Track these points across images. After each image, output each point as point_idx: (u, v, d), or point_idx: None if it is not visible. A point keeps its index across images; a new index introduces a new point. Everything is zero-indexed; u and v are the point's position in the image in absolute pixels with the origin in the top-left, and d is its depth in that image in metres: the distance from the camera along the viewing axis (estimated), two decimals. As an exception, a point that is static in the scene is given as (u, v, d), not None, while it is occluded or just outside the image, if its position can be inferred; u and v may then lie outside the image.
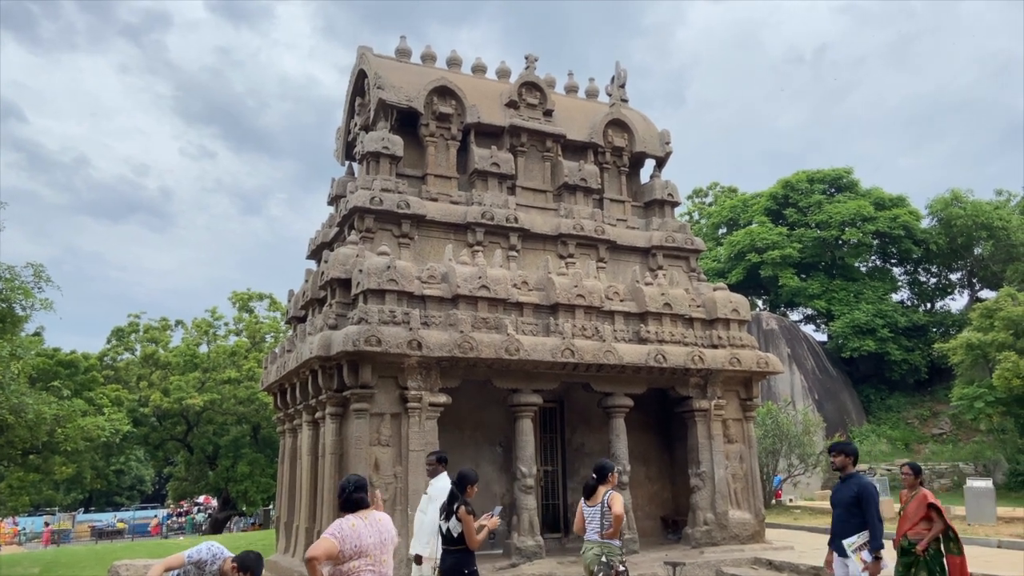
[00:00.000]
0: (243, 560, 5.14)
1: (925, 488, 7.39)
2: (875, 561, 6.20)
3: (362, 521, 4.58)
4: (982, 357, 25.26)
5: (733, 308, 12.30)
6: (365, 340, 9.14)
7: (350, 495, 4.65)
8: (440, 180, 11.74)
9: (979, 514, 14.38)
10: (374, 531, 4.57)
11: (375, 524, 4.62)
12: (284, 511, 11.93)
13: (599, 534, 6.66)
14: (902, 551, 7.19)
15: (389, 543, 4.64)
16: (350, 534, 4.45)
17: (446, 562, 6.32)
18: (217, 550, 5.26)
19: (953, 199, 35.53)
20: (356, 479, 4.78)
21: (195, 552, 5.19)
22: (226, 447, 35.96)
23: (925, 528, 7.08)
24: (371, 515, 4.67)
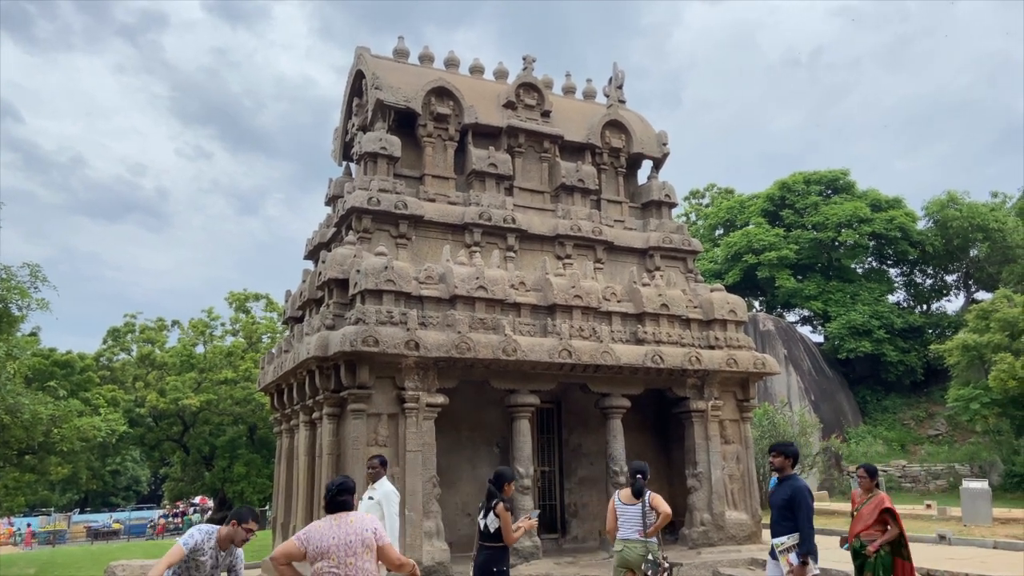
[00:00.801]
0: (239, 514, 5.25)
1: (882, 491, 7.39)
2: (801, 565, 6.04)
3: (331, 523, 4.56)
4: (978, 358, 25.33)
5: (730, 309, 12.32)
6: (363, 340, 9.14)
7: (333, 497, 4.66)
8: (438, 181, 11.75)
9: (975, 515, 14.42)
10: (341, 533, 4.51)
11: (344, 526, 4.55)
12: (281, 511, 11.93)
13: (640, 532, 6.77)
14: (854, 552, 7.23)
15: (358, 545, 4.49)
16: (315, 536, 4.49)
17: (480, 556, 6.45)
18: (207, 528, 5.24)
19: (949, 201, 35.62)
20: (341, 482, 4.76)
21: (188, 539, 5.13)
22: (222, 448, 35.87)
23: (878, 531, 7.11)
24: (343, 517, 4.61)
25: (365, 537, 4.53)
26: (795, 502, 6.18)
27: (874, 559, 7.03)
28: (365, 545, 4.51)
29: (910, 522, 15.57)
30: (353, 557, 4.47)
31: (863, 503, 7.40)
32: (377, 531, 4.62)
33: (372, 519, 4.76)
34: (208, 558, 5.19)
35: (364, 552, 4.50)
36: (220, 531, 5.26)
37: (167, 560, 5.08)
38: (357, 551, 4.49)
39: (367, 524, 4.62)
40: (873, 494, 7.36)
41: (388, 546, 4.64)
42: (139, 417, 33.74)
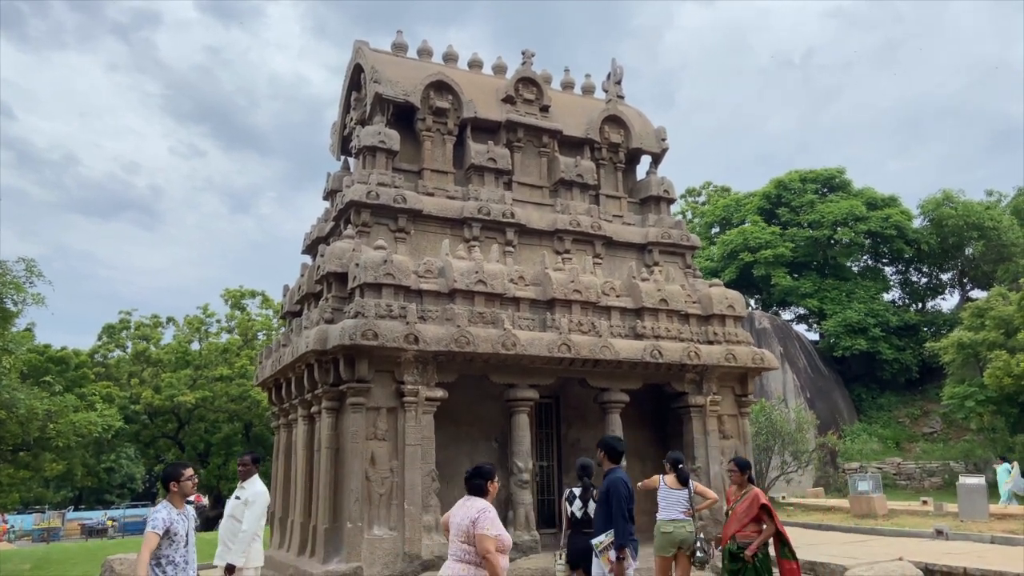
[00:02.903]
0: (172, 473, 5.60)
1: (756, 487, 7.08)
2: (619, 561, 6.04)
3: (461, 504, 5.23)
4: (973, 356, 25.44)
5: (729, 304, 12.32)
6: (362, 334, 9.11)
7: (469, 480, 5.35)
8: (436, 175, 11.71)
9: (972, 511, 14.47)
10: (459, 514, 5.11)
11: (463, 509, 5.13)
12: (279, 506, 11.89)
13: (685, 513, 7.34)
14: (730, 555, 6.87)
15: (461, 529, 5.02)
16: (451, 513, 5.25)
17: (579, 543, 6.77)
18: (161, 505, 5.48)
19: (945, 199, 35.76)
20: (478, 466, 5.45)
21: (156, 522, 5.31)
22: (218, 445, 35.83)
23: (754, 531, 6.76)
24: (467, 500, 5.20)
25: (464, 525, 5.00)
26: (609, 495, 6.20)
27: (754, 564, 6.68)
28: (463, 530, 5.00)
29: (906, 518, 15.63)
30: (457, 538, 5.04)
31: (737, 501, 7.07)
32: (476, 520, 4.97)
33: (478, 506, 5.08)
34: (180, 528, 5.39)
35: (462, 536, 5.01)
36: (170, 500, 5.54)
37: (147, 550, 5.23)
38: (459, 533, 5.04)
39: (471, 511, 5.05)
40: (747, 490, 7.03)
41: (481, 536, 4.93)
42: (134, 414, 33.66)
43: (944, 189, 36.15)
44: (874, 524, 14.82)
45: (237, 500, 7.13)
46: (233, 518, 7.13)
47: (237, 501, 7.13)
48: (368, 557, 9.02)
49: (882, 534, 13.46)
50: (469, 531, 4.96)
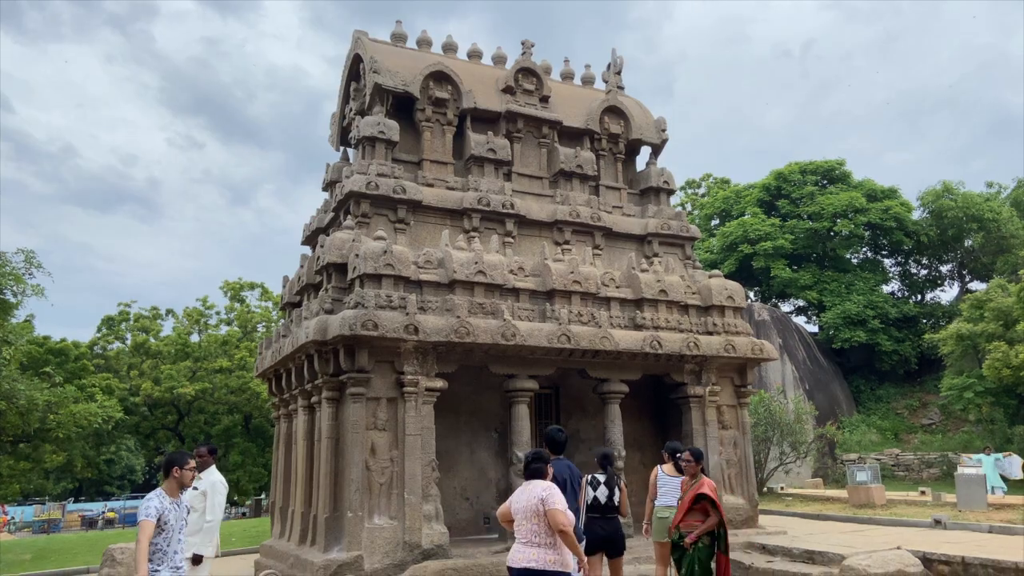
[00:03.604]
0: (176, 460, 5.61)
1: (708, 477, 7.11)
2: None
3: (522, 489, 5.38)
4: (972, 348, 25.47)
5: (728, 295, 12.33)
6: (362, 324, 9.11)
7: (528, 465, 5.49)
8: (436, 166, 11.70)
9: (970, 501, 14.51)
10: (523, 498, 5.28)
11: (526, 493, 5.29)
12: (279, 496, 11.92)
13: None
14: (673, 545, 6.94)
15: (529, 510, 5.17)
16: (513, 499, 5.42)
17: (609, 527, 7.03)
18: (155, 493, 5.45)
19: (944, 191, 35.71)
20: (535, 452, 5.59)
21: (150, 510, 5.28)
22: (218, 436, 35.86)
23: (698, 520, 6.77)
24: (528, 484, 5.37)
25: (532, 504, 5.17)
26: None
27: (692, 551, 6.69)
28: (533, 510, 5.16)
29: (905, 508, 15.68)
30: (525, 520, 5.21)
31: (687, 490, 7.13)
32: (544, 499, 5.16)
33: (542, 487, 5.27)
34: (172, 517, 5.36)
35: (532, 517, 5.16)
36: (166, 488, 5.52)
37: (145, 539, 5.19)
38: (528, 515, 5.19)
39: (537, 492, 5.22)
40: (696, 479, 7.04)
41: (552, 511, 5.11)
42: (134, 406, 33.68)
43: (944, 181, 36.09)
44: (872, 514, 14.87)
45: (195, 491, 7.11)
46: (192, 509, 7.11)
47: (195, 492, 7.11)
48: (368, 546, 9.05)
49: (880, 524, 13.50)
50: (539, 509, 5.14)
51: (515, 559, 5.23)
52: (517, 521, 5.29)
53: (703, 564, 6.66)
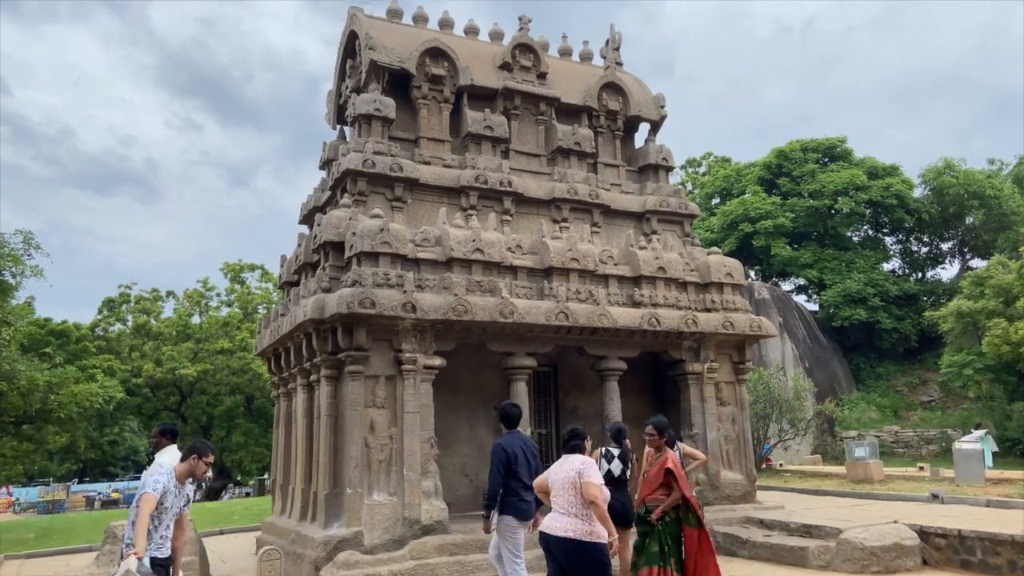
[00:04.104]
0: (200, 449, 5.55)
1: (673, 451, 7.05)
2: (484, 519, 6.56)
3: (560, 463, 5.69)
4: (972, 325, 25.47)
5: (727, 272, 12.31)
6: (359, 302, 9.11)
7: (566, 442, 5.83)
8: (433, 143, 11.64)
9: (968, 475, 14.58)
10: (561, 472, 5.57)
11: (564, 467, 5.60)
12: (280, 474, 11.99)
13: None
14: (639, 519, 6.92)
15: (566, 483, 5.47)
16: (550, 472, 5.72)
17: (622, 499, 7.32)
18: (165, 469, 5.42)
19: (946, 168, 35.55)
20: (573, 429, 5.89)
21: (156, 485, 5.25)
22: (220, 417, 36.04)
23: (664, 494, 6.74)
24: (566, 459, 5.68)
25: (571, 477, 5.47)
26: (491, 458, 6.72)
27: (659, 527, 6.66)
28: (571, 483, 5.45)
29: (903, 484, 15.76)
30: (563, 492, 5.49)
31: (652, 463, 7.09)
32: (581, 472, 5.46)
33: (580, 461, 5.58)
34: (173, 498, 5.31)
35: (569, 489, 5.45)
36: (178, 468, 5.43)
37: (146, 512, 5.13)
38: (565, 487, 5.49)
39: (575, 466, 5.53)
40: (661, 453, 6.99)
41: (586, 483, 5.41)
42: (136, 387, 33.79)
43: (945, 158, 35.92)
44: (870, 489, 14.95)
45: None
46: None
47: None
48: (368, 522, 9.11)
49: (878, 498, 13.58)
50: (575, 482, 5.42)
51: (552, 527, 5.47)
52: (554, 492, 5.57)
53: (673, 539, 6.65)
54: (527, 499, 6.57)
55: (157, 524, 5.29)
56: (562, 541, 5.34)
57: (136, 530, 5.14)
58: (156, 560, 5.21)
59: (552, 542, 5.42)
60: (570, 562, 5.33)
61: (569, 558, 5.32)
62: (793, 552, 9.51)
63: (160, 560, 5.25)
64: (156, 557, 5.23)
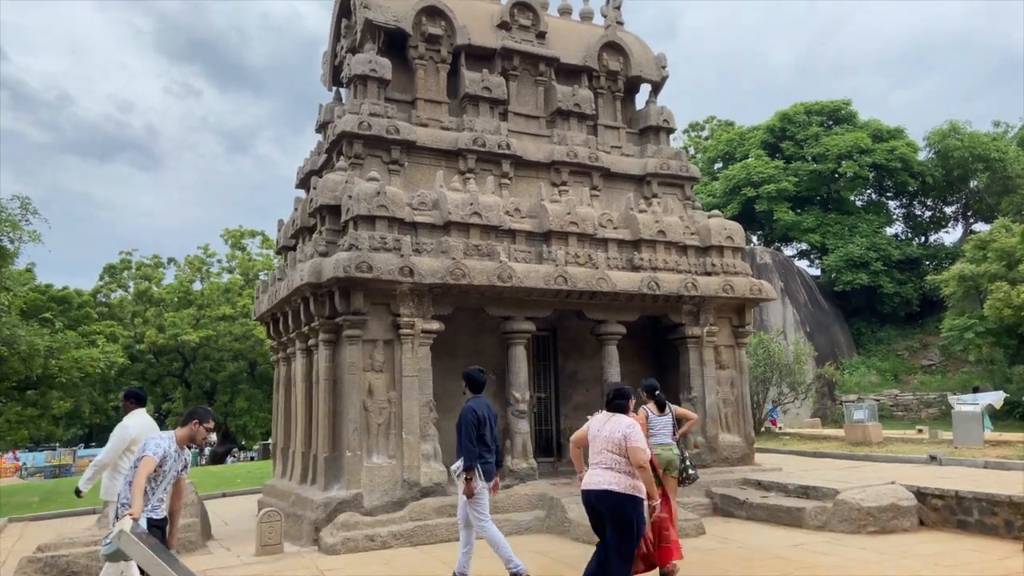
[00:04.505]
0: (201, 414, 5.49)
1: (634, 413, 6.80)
2: (467, 482, 6.56)
3: (603, 419, 5.82)
4: (974, 288, 25.42)
5: (727, 235, 12.21)
6: (356, 266, 9.05)
7: (611, 400, 5.90)
8: (430, 105, 11.47)
9: (967, 437, 14.63)
10: (604, 429, 5.71)
11: (608, 425, 5.72)
12: (280, 437, 12.05)
13: (671, 437, 7.86)
14: None
15: (610, 442, 5.61)
16: (592, 426, 5.86)
17: None
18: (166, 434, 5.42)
19: (951, 131, 35.20)
20: (618, 388, 5.97)
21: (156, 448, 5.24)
22: (224, 383, 36.22)
23: None
24: (611, 417, 5.78)
25: (615, 438, 5.61)
26: (459, 423, 6.73)
27: None
28: (614, 442, 5.60)
29: (901, 446, 15.84)
30: (607, 450, 5.63)
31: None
32: (628, 436, 5.58)
33: (627, 424, 5.68)
34: (172, 462, 5.31)
35: (615, 449, 5.58)
36: (178, 433, 5.45)
37: (144, 474, 5.14)
38: (610, 446, 5.61)
39: (622, 427, 5.64)
40: None
41: (634, 449, 5.53)
42: (139, 353, 33.94)
43: (951, 120, 35.56)
44: (868, 451, 15.03)
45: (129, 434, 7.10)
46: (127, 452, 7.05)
47: (130, 436, 7.09)
48: (368, 484, 9.17)
49: (876, 460, 13.65)
50: (622, 444, 5.56)
51: (595, 482, 5.61)
52: (596, 449, 5.71)
53: None
54: (490, 460, 6.74)
55: (155, 487, 5.30)
56: (605, 495, 5.51)
57: (133, 491, 5.15)
58: (152, 521, 5.23)
59: (595, 497, 5.60)
60: (611, 513, 5.52)
61: (611, 510, 5.52)
62: (790, 513, 9.57)
63: (156, 521, 5.28)
64: (152, 518, 5.25)
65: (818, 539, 8.57)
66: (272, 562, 8.21)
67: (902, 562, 7.27)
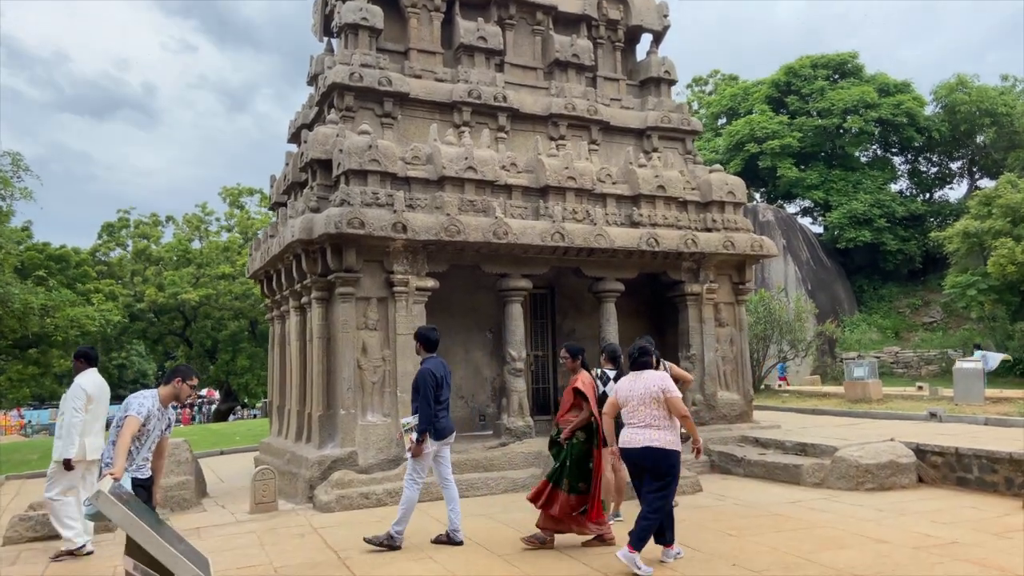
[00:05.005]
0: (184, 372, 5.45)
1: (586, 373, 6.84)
2: (418, 443, 6.54)
3: (632, 379, 5.98)
4: (978, 245, 25.17)
5: (729, 190, 11.97)
6: (347, 222, 8.85)
7: (636, 359, 6.03)
8: (424, 56, 11.13)
9: (967, 394, 14.57)
10: (637, 387, 5.88)
11: (640, 382, 5.89)
12: (276, 395, 11.99)
13: None
14: (551, 440, 6.87)
15: (647, 397, 5.78)
16: (621, 389, 6.02)
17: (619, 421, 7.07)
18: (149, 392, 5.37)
19: (958, 84, 34.54)
20: (642, 346, 6.11)
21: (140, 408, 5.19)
22: (225, 342, 36.21)
23: (574, 417, 6.64)
24: (640, 375, 5.95)
25: (652, 392, 5.79)
26: (416, 383, 6.67)
27: (567, 447, 6.56)
28: (652, 398, 5.77)
29: (901, 403, 15.80)
30: (643, 406, 5.80)
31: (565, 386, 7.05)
32: (665, 388, 5.79)
33: (661, 377, 5.90)
34: (155, 421, 5.28)
35: (652, 403, 5.77)
36: (162, 391, 5.41)
37: (128, 434, 5.10)
38: (646, 402, 5.80)
39: (656, 382, 5.84)
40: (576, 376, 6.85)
41: (673, 399, 5.78)
42: (140, 312, 33.87)
43: (958, 74, 34.84)
44: (868, 408, 14.98)
45: (83, 393, 7.01)
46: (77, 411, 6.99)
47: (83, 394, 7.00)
48: (362, 442, 9.11)
49: (875, 418, 13.61)
50: (659, 397, 5.77)
51: (635, 440, 5.80)
52: (632, 407, 5.86)
53: (577, 459, 6.53)
54: (443, 419, 6.74)
55: (139, 446, 5.27)
56: (648, 451, 5.73)
57: (116, 451, 5.09)
58: (137, 481, 5.20)
59: (636, 454, 5.82)
60: (652, 467, 5.78)
61: (653, 464, 5.76)
62: (787, 470, 9.52)
63: (141, 480, 5.25)
64: (137, 478, 5.23)
65: (815, 496, 8.52)
66: (266, 520, 8.18)
67: (899, 519, 7.22)
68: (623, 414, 5.99)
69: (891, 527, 6.92)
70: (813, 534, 6.75)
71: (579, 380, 6.70)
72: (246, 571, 6.17)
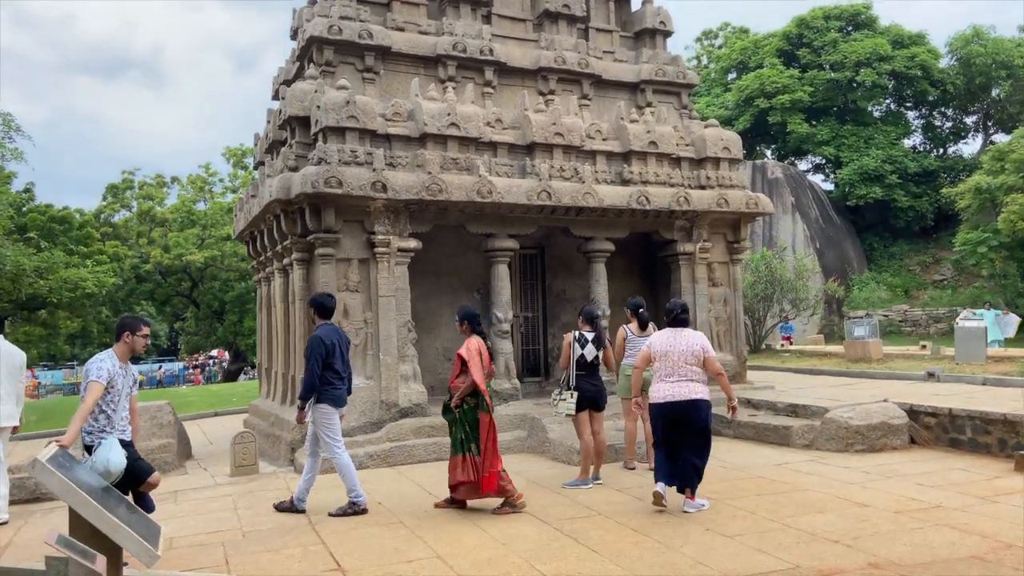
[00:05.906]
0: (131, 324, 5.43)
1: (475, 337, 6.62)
2: (299, 411, 6.63)
3: (671, 335, 6.26)
4: (990, 201, 24.62)
5: (724, 146, 11.62)
6: (325, 182, 8.63)
7: (676, 316, 6.35)
8: (407, 7, 10.76)
9: (969, 353, 14.31)
10: (677, 343, 6.17)
11: (680, 339, 6.21)
12: (264, 357, 11.92)
13: None
14: (444, 408, 6.74)
15: (688, 355, 6.11)
16: (657, 343, 6.29)
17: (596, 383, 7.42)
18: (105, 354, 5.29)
19: (974, 36, 33.51)
20: (683, 304, 6.48)
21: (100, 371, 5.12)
22: (232, 303, 36.27)
23: (461, 382, 6.51)
24: (679, 332, 6.27)
25: (694, 350, 6.13)
26: (307, 351, 6.59)
27: (459, 415, 6.46)
28: (693, 355, 6.11)
29: (901, 362, 15.57)
30: (683, 362, 6.11)
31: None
32: (704, 347, 6.16)
33: (700, 336, 6.27)
34: (119, 381, 5.27)
35: (691, 360, 6.10)
36: (117, 350, 5.34)
37: (92, 400, 5.05)
38: (686, 358, 6.11)
39: (698, 340, 6.21)
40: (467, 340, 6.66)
41: (711, 359, 6.16)
42: (147, 273, 33.93)
43: (974, 25, 33.77)
44: (867, 368, 14.77)
45: None
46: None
47: None
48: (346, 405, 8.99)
49: (873, 378, 13.40)
50: (699, 355, 6.10)
51: (677, 393, 6.04)
52: (670, 362, 6.12)
53: (471, 425, 6.41)
54: (339, 387, 6.67)
55: (115, 407, 5.25)
56: (693, 403, 6.02)
57: (73, 418, 5.02)
58: (123, 442, 5.21)
59: (679, 407, 6.04)
60: (694, 420, 6.06)
61: (694, 417, 6.05)
62: (777, 431, 9.36)
63: (127, 443, 5.27)
64: (123, 440, 5.24)
65: (802, 458, 8.37)
66: (245, 482, 8.14)
67: (885, 482, 7.06)
68: (656, 367, 6.19)
69: (876, 490, 6.76)
70: (794, 498, 6.60)
71: (464, 346, 6.57)
72: (215, 536, 6.11)
